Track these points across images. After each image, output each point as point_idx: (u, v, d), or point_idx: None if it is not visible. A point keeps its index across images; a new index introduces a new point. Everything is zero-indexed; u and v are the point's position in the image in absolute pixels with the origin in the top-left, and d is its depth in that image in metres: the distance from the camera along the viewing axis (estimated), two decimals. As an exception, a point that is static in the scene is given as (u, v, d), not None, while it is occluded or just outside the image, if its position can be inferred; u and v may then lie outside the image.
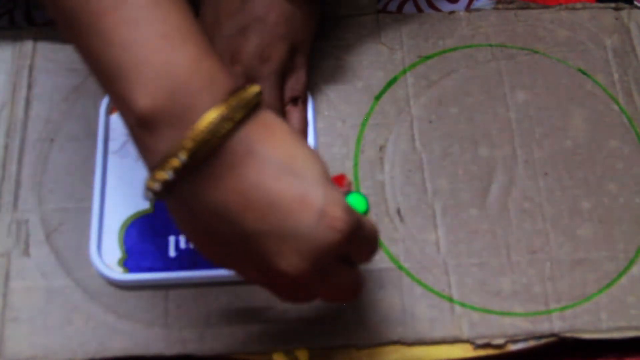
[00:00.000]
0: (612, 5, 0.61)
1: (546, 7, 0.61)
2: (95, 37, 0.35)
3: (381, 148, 0.55)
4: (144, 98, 0.34)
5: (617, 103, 0.57)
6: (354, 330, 0.49)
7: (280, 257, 0.36)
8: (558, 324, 0.49)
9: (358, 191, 0.41)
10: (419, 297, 0.50)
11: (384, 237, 0.52)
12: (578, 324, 0.49)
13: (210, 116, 0.34)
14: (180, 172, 0.34)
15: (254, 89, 0.36)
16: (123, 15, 0.34)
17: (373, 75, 0.58)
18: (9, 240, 0.51)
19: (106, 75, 0.35)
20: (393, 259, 0.51)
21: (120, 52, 0.34)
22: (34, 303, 0.49)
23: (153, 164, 0.35)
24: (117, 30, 0.34)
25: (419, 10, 0.62)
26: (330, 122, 0.56)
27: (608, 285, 0.50)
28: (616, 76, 0.58)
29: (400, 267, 0.51)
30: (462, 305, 0.49)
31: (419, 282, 0.50)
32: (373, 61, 0.58)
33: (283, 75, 0.53)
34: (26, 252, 0.50)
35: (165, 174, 0.34)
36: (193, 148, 0.34)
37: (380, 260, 0.51)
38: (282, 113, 0.54)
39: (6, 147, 0.54)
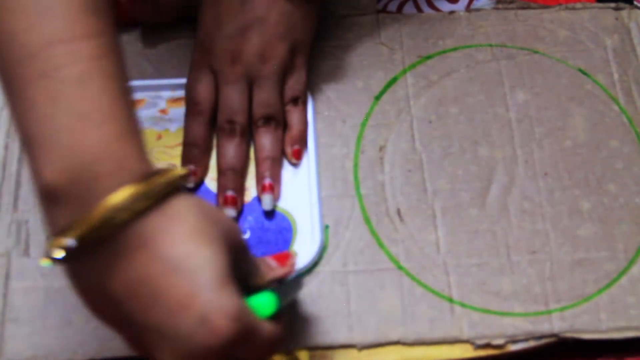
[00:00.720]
0: (612, 5, 0.61)
1: (546, 7, 0.61)
2: (18, 103, 0.35)
3: (381, 148, 0.55)
4: (49, 173, 0.34)
5: (617, 103, 0.57)
6: (354, 330, 0.49)
7: (159, 351, 0.35)
8: (558, 324, 0.49)
9: (272, 290, 0.39)
10: (419, 297, 0.50)
11: (384, 237, 0.52)
12: (578, 324, 0.49)
13: (107, 204, 0.34)
14: (68, 253, 0.34)
15: (175, 173, 0.36)
16: (47, 87, 0.34)
17: (373, 75, 0.58)
18: (9, 240, 0.51)
19: (23, 140, 0.35)
20: (393, 259, 0.51)
21: (36, 123, 0.35)
22: (34, 303, 0.49)
23: (49, 235, 0.35)
24: (37, 101, 0.34)
25: (419, 10, 0.62)
26: (330, 122, 0.56)
27: (608, 286, 0.50)
28: (616, 76, 0.58)
29: (400, 267, 0.51)
30: (462, 305, 0.49)
31: (419, 282, 0.50)
32: (373, 61, 0.58)
33: (283, 75, 0.53)
34: (26, 252, 0.50)
35: (54, 250, 0.34)
36: (82, 234, 0.34)
37: (380, 260, 0.51)
38: (282, 113, 0.54)
39: (6, 147, 0.54)
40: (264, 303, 0.39)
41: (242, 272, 0.40)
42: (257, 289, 0.40)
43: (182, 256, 0.35)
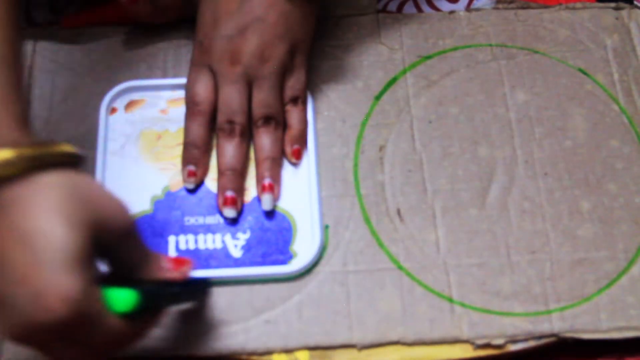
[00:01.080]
0: (612, 5, 0.61)
1: (546, 7, 0.61)
2: None
3: (381, 148, 0.55)
4: None
5: (617, 103, 0.57)
6: (354, 330, 0.49)
7: None
8: (558, 324, 0.49)
9: (139, 290, 0.39)
10: (419, 297, 0.50)
11: (384, 237, 0.52)
12: (578, 324, 0.49)
13: None
14: None
15: (52, 148, 0.37)
16: None
17: (373, 75, 0.58)
18: (9, 241, 0.51)
19: None
20: (393, 259, 0.51)
21: None
22: (34, 303, 0.49)
23: None
24: None
25: (419, 10, 0.62)
26: (330, 122, 0.56)
27: (608, 286, 0.50)
28: (616, 76, 0.58)
29: (400, 267, 0.51)
30: (462, 305, 0.49)
31: (419, 282, 0.50)
32: (373, 61, 0.58)
33: (283, 75, 0.53)
34: (26, 252, 0.50)
35: None
36: None
37: (380, 260, 0.51)
38: (282, 113, 0.54)
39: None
40: (120, 299, 0.39)
41: (126, 261, 0.40)
42: (142, 283, 0.40)
43: (34, 230, 0.35)
